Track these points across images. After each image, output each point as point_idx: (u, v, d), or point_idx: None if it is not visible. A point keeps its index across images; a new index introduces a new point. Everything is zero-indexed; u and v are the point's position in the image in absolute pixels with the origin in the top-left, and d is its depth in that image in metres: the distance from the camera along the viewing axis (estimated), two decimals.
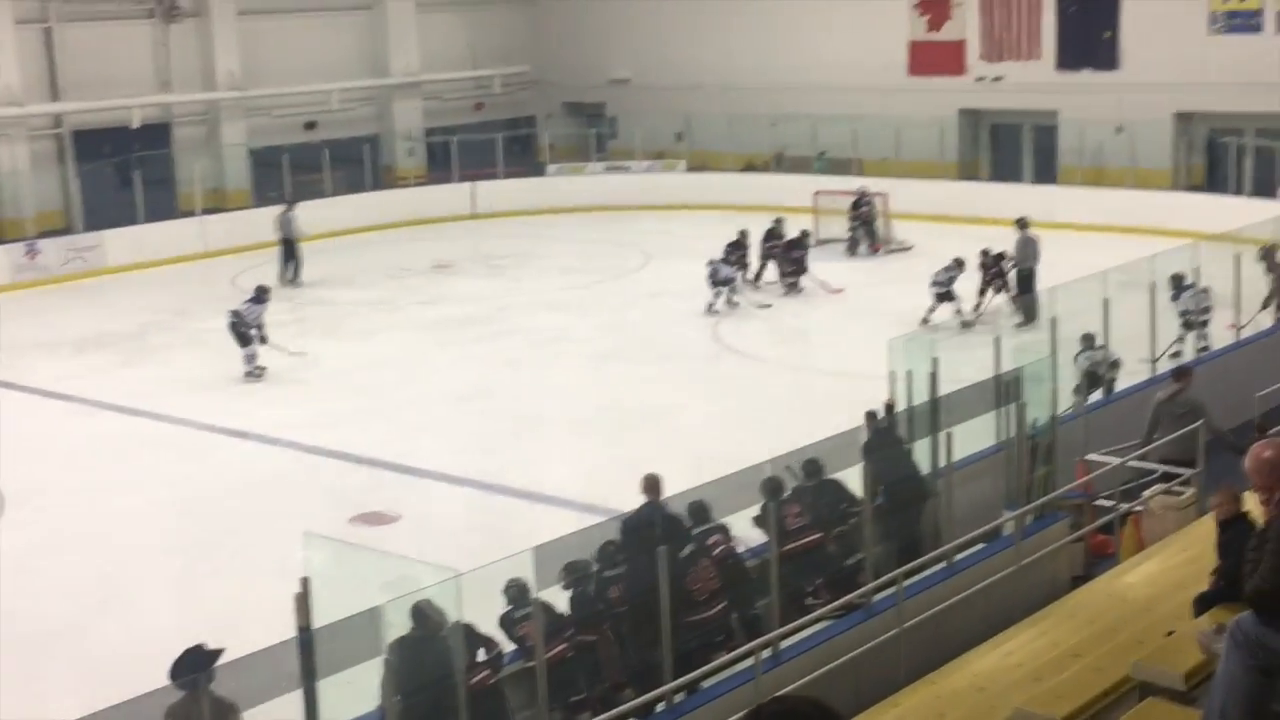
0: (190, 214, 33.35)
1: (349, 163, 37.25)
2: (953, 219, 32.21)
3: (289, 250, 29.30)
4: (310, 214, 34.04)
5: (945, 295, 22.92)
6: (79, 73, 33.82)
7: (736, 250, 26.10)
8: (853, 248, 30.07)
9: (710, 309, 24.50)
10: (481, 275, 29.69)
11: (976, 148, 36.69)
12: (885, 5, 36.71)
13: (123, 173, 33.90)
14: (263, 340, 21.74)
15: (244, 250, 32.19)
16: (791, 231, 27.01)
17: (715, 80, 39.17)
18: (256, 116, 37.20)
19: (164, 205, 33.65)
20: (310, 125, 38.33)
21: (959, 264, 23.28)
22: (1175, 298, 19.12)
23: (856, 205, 30.44)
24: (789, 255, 26.31)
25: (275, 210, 30.08)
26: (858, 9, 37.15)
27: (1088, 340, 17.25)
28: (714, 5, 39.58)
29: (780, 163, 37.69)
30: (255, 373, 21.56)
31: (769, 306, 25.16)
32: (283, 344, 21.96)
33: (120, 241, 31.25)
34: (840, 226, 30.67)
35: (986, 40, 35.65)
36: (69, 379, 22.19)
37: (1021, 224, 24.12)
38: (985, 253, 23.61)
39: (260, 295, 22.12)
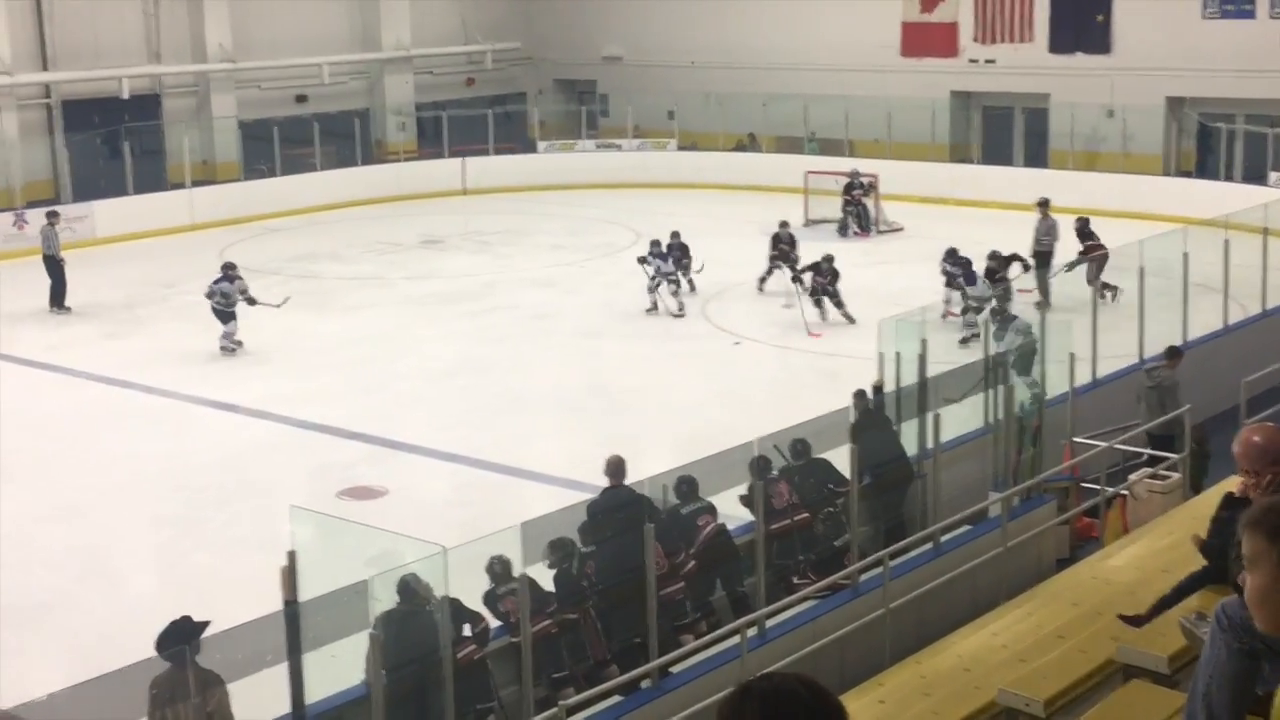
0: (179, 186, 33.25)
1: (339, 137, 37.14)
2: (944, 201, 32.21)
3: (52, 270, 25.09)
4: (300, 187, 34.14)
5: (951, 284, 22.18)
6: (69, 42, 33.67)
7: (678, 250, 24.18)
8: (843, 230, 30.02)
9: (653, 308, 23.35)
10: (471, 251, 29.63)
11: (968, 130, 36.65)
12: None
13: (112, 144, 33.77)
14: (251, 302, 21.76)
15: (232, 223, 32.15)
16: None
17: (708, 59, 39.09)
18: (247, 89, 37.07)
19: (153, 177, 33.54)
20: (301, 99, 38.21)
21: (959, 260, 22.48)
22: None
23: (849, 188, 30.39)
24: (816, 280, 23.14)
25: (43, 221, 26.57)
26: None
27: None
28: None
29: (753, 143, 37.66)
30: (229, 348, 21.48)
31: (790, 307, 23.13)
32: (266, 299, 22.06)
33: (109, 212, 31.14)
34: (831, 207, 30.65)
35: (979, 22, 35.60)
36: (56, 349, 22.14)
37: (1043, 205, 24.05)
38: (995, 255, 22.03)
39: (228, 273, 21.97)
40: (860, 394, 13.39)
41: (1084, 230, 23.49)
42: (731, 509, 11.72)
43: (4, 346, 22.40)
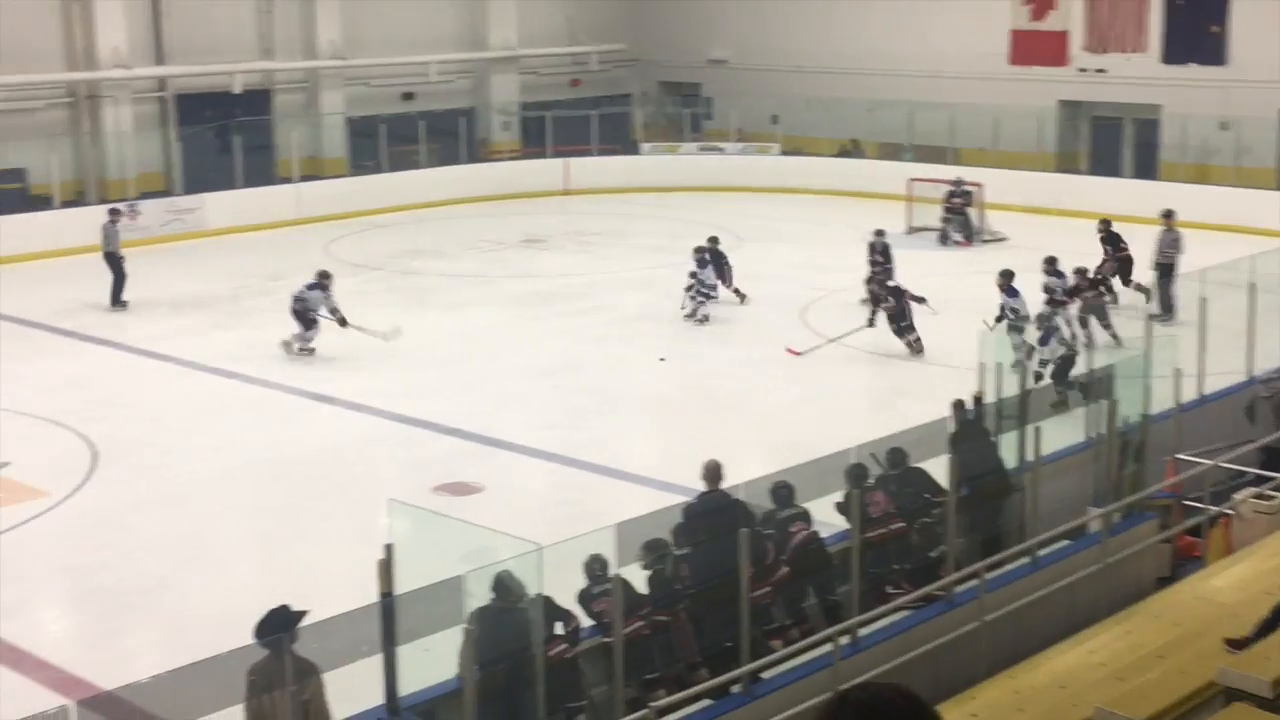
0: (287, 180, 33.74)
1: (444, 135, 37.47)
2: (1049, 211, 31.83)
3: (113, 266, 25.17)
4: (405, 184, 34.52)
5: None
6: (184, 37, 34.28)
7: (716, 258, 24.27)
8: (944, 238, 29.79)
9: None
10: (572, 251, 29.75)
11: (1076, 140, 36.17)
12: None
13: (223, 137, 34.33)
14: (342, 323, 21.16)
15: (338, 218, 32.58)
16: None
17: (813, 64, 38.91)
18: (355, 86, 37.51)
19: (262, 171, 34.07)
20: (408, 96, 38.60)
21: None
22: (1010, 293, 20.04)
23: (951, 195, 30.13)
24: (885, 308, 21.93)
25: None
26: None
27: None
28: None
29: (856, 149, 37.47)
30: (305, 351, 21.16)
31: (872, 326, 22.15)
32: (367, 325, 21.35)
33: (219, 205, 31.71)
34: (935, 215, 30.41)
35: (1090, 31, 35.11)
36: (164, 339, 22.55)
37: (1167, 216, 23.75)
38: (1082, 272, 21.34)
39: (321, 281, 21.53)
40: (959, 404, 13.28)
41: (1109, 236, 23.77)
42: (827, 516, 11.67)
43: (114, 335, 22.88)
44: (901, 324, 21.36)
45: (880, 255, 24.33)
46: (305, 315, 21.30)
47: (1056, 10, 35.51)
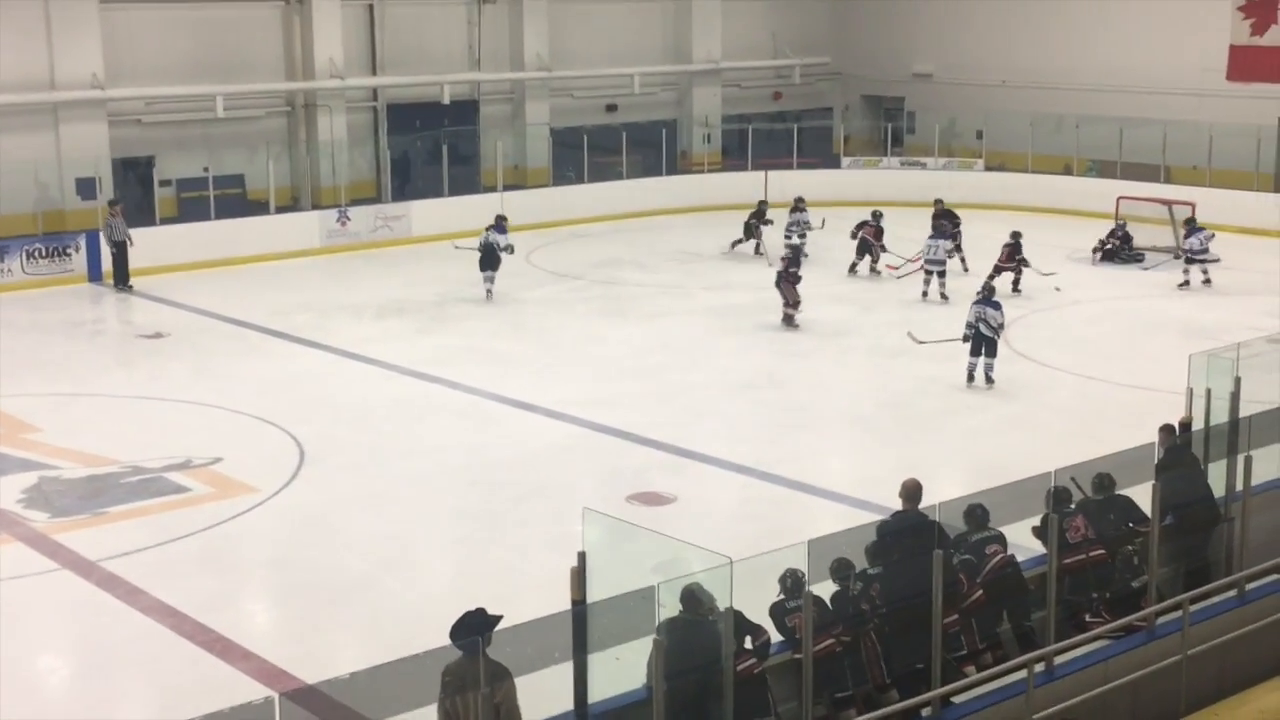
0: (492, 189, 34.37)
1: (646, 146, 37.78)
2: (1265, 233, 30.76)
3: (121, 252, 26.99)
4: (606, 195, 34.88)
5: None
6: (397, 49, 35.23)
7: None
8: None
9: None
10: (772, 264, 29.67)
11: None
12: (1206, 6, 35.23)
13: (431, 147, 35.15)
14: (509, 250, 25.77)
15: (540, 227, 33.06)
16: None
17: (1020, 79, 38.31)
18: (559, 97, 38.08)
19: (467, 180, 34.75)
20: (611, 108, 39.05)
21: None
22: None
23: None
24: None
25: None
26: (1176, 9, 35.88)
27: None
28: (1024, 3, 38.80)
29: (1087, 169, 36.68)
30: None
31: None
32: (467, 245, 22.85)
33: (425, 212, 32.45)
34: (1145, 235, 29.66)
35: None
36: (370, 342, 23.14)
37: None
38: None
39: (500, 223, 25.40)
40: (1168, 429, 12.90)
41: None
42: (1023, 540, 11.45)
43: (322, 337, 23.56)
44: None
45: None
46: (493, 254, 24.81)
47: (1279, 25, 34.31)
